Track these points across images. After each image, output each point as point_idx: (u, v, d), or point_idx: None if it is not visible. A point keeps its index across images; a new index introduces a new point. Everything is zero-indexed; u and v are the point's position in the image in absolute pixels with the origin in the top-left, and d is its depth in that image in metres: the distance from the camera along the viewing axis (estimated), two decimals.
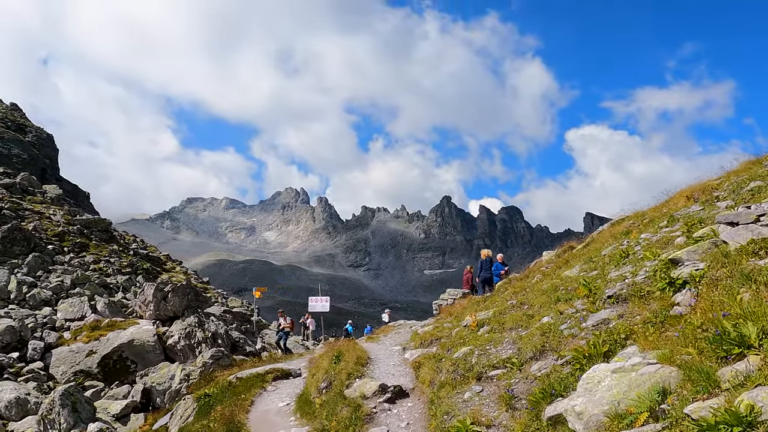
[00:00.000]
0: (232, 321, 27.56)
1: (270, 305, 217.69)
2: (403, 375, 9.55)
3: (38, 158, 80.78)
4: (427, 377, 8.32)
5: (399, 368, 10.11)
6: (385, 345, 13.54)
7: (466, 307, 14.37)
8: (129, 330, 22.01)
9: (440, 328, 12.14)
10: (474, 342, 8.46)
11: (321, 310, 23.68)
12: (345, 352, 11.29)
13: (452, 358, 8.06)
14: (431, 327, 12.75)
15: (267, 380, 14.29)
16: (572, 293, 8.20)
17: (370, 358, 10.91)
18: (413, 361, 9.49)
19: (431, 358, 8.91)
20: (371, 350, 12.19)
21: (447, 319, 14.05)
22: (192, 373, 16.73)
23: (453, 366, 7.79)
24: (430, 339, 10.94)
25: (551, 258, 14.03)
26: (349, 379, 9.34)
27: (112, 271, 28.70)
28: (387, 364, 10.57)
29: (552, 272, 11.05)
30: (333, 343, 13.94)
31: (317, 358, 13.69)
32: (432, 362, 8.64)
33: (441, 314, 19.44)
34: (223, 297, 35.28)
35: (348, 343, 13.00)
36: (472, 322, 9.64)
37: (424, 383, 8.20)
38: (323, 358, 12.61)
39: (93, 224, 32.76)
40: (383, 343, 13.94)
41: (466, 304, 14.80)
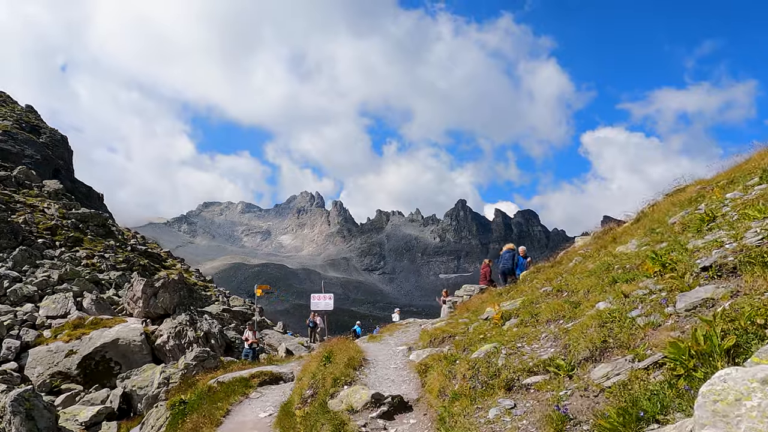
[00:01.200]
0: (231, 320, 25.63)
1: (284, 309, 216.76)
2: (406, 381, 7.40)
3: (51, 159, 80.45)
4: (435, 385, 6.17)
5: (401, 372, 7.96)
6: (388, 345, 11.39)
7: (485, 300, 12.16)
8: (114, 328, 20.19)
9: (454, 323, 9.96)
10: (498, 338, 6.29)
11: (324, 308, 21.61)
12: (336, 352, 9.18)
13: (470, 360, 5.90)
14: (444, 323, 10.58)
15: (252, 385, 12.24)
16: (634, 271, 6.00)
17: (366, 360, 8.77)
18: (419, 364, 7.33)
19: (441, 360, 6.76)
20: (371, 350, 10.07)
21: (463, 315, 11.86)
22: (173, 375, 14.78)
23: (471, 370, 5.63)
24: (441, 336, 8.77)
25: (588, 241, 11.77)
26: (334, 386, 7.21)
27: (105, 267, 27.01)
28: (386, 368, 8.42)
29: (594, 253, 8.83)
30: (327, 342, 11.84)
31: (308, 360, 11.61)
32: (443, 365, 6.49)
33: (456, 311, 17.25)
34: (225, 296, 33.47)
35: (342, 341, 10.89)
36: (495, 314, 7.46)
37: (432, 393, 6.06)
38: (314, 359, 10.52)
39: (89, 218, 31.20)
40: (386, 342, 11.80)
41: (486, 297, 12.61)
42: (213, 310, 25.61)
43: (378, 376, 7.80)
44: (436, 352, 8.00)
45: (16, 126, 73.99)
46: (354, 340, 28.14)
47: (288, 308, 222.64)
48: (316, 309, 21.87)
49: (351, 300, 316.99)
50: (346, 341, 10.72)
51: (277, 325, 32.21)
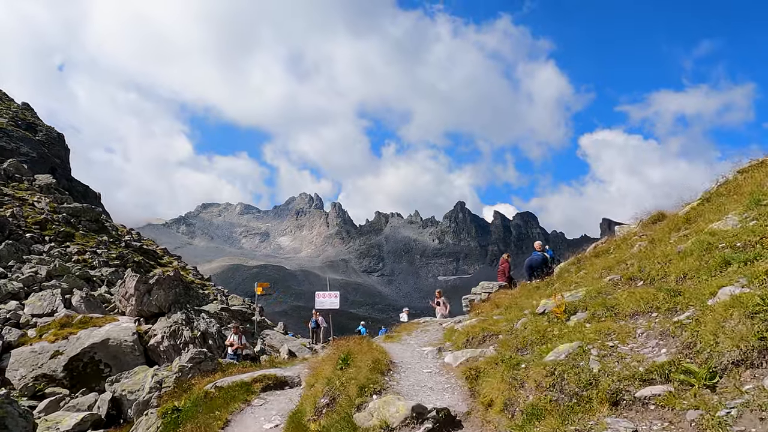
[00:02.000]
0: (230, 320, 24.20)
1: (282, 310, 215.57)
2: (448, 389, 6.02)
3: (48, 157, 79.05)
4: (494, 395, 4.81)
5: (438, 378, 6.58)
6: (409, 345, 10.01)
7: (518, 296, 10.81)
8: (104, 328, 18.79)
9: (489, 321, 8.60)
10: (576, 336, 4.92)
11: (330, 307, 20.19)
12: (356, 354, 7.81)
13: (545, 364, 4.53)
14: (475, 320, 9.21)
15: (254, 391, 10.84)
16: (754, 249, 4.64)
17: (393, 363, 7.38)
18: (465, 369, 5.93)
19: (498, 363, 5.39)
20: (393, 352, 8.69)
21: (493, 311, 10.50)
22: (166, 379, 13.38)
23: (549, 377, 4.27)
24: (480, 335, 7.40)
25: (633, 230, 10.39)
26: (361, 396, 5.83)
27: (97, 264, 25.59)
28: (419, 372, 7.04)
29: (663, 236, 7.48)
30: (341, 342, 10.48)
31: (318, 362, 10.25)
32: (501, 369, 5.12)
33: (474, 310, 15.90)
34: (223, 294, 32.03)
35: (360, 340, 9.53)
36: (556, 307, 6.10)
37: (494, 406, 4.69)
38: (326, 361, 9.15)
39: (81, 213, 29.78)
40: (407, 342, 10.43)
41: (517, 293, 11.26)
42: (211, 309, 24.21)
43: (411, 382, 6.43)
44: (480, 353, 6.64)
45: (11, 123, 72.69)
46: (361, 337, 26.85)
47: (286, 309, 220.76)
48: (321, 308, 20.45)
49: (350, 302, 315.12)
50: (364, 341, 9.35)
51: (278, 325, 30.80)
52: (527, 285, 11.26)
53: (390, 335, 11.86)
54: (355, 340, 9.94)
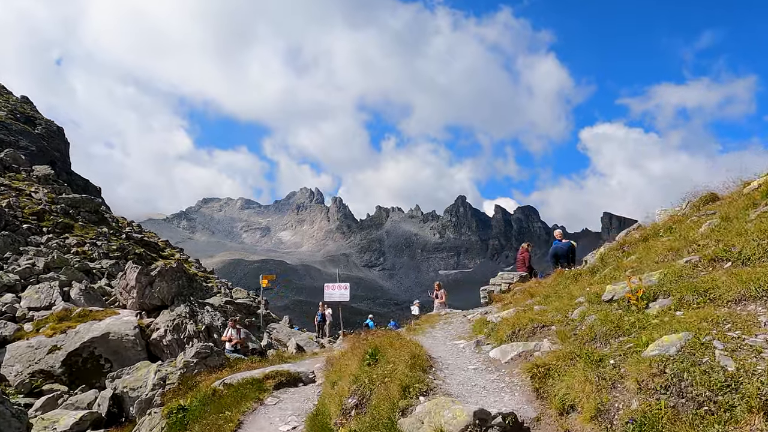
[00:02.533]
0: (235, 313, 23.36)
1: (284, 305, 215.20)
2: (504, 389, 5.14)
3: (47, 150, 78.17)
4: (575, 398, 3.93)
5: (488, 376, 5.69)
6: (437, 339, 9.14)
7: (554, 285, 9.92)
8: (105, 321, 17.93)
9: (530, 311, 7.72)
10: (674, 326, 4.03)
11: (339, 300, 19.30)
12: (386, 348, 6.92)
13: (646, 360, 3.63)
14: (512, 311, 8.32)
15: (266, 388, 10.00)
16: None
17: (431, 358, 6.48)
18: (529, 365, 5.02)
19: (570, 359, 4.49)
20: (424, 346, 7.79)
21: (524, 301, 9.62)
22: (170, 375, 12.52)
23: (658, 376, 3.38)
24: (529, 326, 6.51)
25: (681, 212, 9.49)
26: (405, 397, 4.94)
27: (97, 255, 24.73)
28: (463, 369, 6.15)
29: (739, 214, 6.58)
30: (359, 337, 9.61)
31: (338, 357, 9.37)
32: (578, 366, 4.22)
33: (497, 301, 15.03)
34: (227, 287, 31.17)
35: (389, 334, 8.67)
36: (630, 293, 5.20)
37: (572, 411, 3.82)
38: (348, 356, 8.27)
39: (80, 204, 28.89)
40: (433, 335, 9.55)
41: (551, 282, 10.36)
42: (215, 302, 23.37)
43: (459, 381, 5.54)
44: (535, 347, 5.75)
45: (10, 117, 71.91)
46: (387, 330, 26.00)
47: (288, 304, 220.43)
48: (330, 300, 19.57)
49: (351, 296, 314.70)
50: (395, 335, 8.47)
51: (283, 319, 29.98)
52: (565, 273, 10.36)
53: (412, 327, 10.97)
54: (385, 333, 9.07)
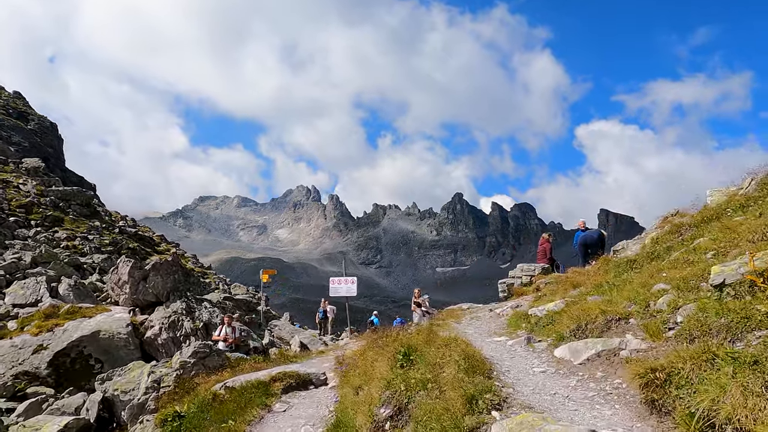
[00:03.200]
0: (234, 309, 22.17)
1: (281, 303, 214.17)
2: (595, 398, 3.99)
3: (40, 147, 76.67)
4: (730, 415, 2.76)
5: (564, 381, 4.54)
6: (471, 335, 7.96)
7: (602, 274, 8.78)
8: (95, 319, 16.71)
9: (582, 302, 6.57)
10: None
11: (346, 294, 18.11)
12: (421, 346, 5.76)
13: None
14: (560, 303, 7.17)
15: (273, 392, 8.82)
16: None
17: (487, 360, 5.29)
18: (638, 369, 3.84)
19: (704, 360, 3.33)
20: None
21: (566, 292, 8.47)
22: (165, 377, 11.32)
23: None
24: (600, 320, 5.35)
25: (739, 193, 8.37)
26: (472, 412, 3.78)
27: (88, 250, 23.47)
28: (527, 372, 5.00)
29: None
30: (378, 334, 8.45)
31: (356, 357, 8.22)
32: (726, 370, 3.06)
33: (517, 296, 13.91)
34: (225, 283, 29.94)
35: (420, 329, 7.52)
36: (757, 274, 4.06)
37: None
38: (368, 356, 7.12)
39: (72, 197, 27.57)
40: (463, 332, 8.38)
41: (596, 270, 9.22)
42: (213, 299, 22.15)
43: (530, 388, 4.38)
44: (620, 344, 4.60)
45: (2, 112, 70.56)
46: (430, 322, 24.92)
47: (285, 302, 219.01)
48: (336, 295, 18.37)
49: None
50: (425, 329, 7.29)
51: (284, 316, 28.80)
52: (612, 261, 9.21)
53: (436, 323, 9.81)
54: (419, 328, 7.91)
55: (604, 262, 9.34)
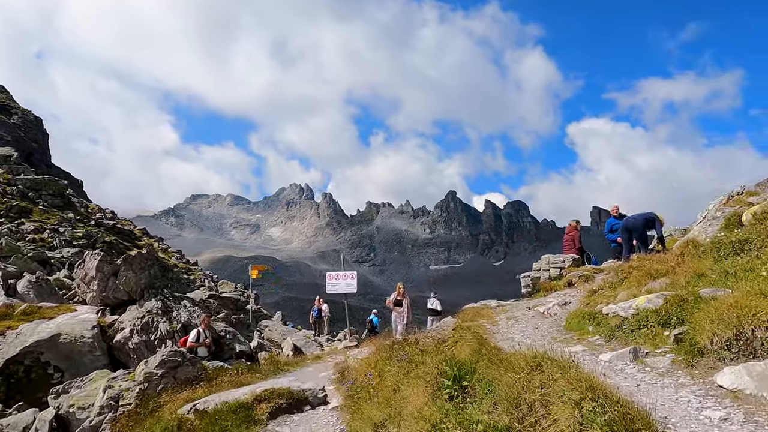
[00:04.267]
0: (220, 308, 20.00)
1: (274, 302, 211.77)
2: None
3: (24, 141, 73.93)
4: None
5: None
6: (520, 344, 5.87)
7: (678, 262, 6.73)
8: (56, 320, 14.52)
9: (692, 294, 4.50)
10: None
11: (346, 291, 16.00)
12: (479, 364, 3.67)
13: None
14: (656, 299, 5.11)
15: (257, 418, 6.69)
16: None
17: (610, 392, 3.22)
18: None
19: None
20: None
21: (644, 284, 6.41)
22: (125, 393, 9.17)
23: None
24: (756, 326, 3.27)
25: None
26: None
27: (58, 243, 21.17)
28: (693, 419, 2.93)
29: None
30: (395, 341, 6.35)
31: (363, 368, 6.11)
32: None
33: (545, 291, 11.88)
34: (212, 280, 27.71)
35: (465, 337, 5.44)
36: None
37: None
38: (392, 372, 5.00)
39: (42, 186, 25.22)
40: (509, 338, 6.32)
41: (673, 258, 7.17)
42: (197, 296, 19.95)
43: None
44: None
45: None
46: (371, 334, 22.34)
47: (278, 300, 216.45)
48: (334, 292, 16.23)
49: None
50: (474, 337, 5.19)
51: (276, 315, 26.64)
52: (697, 243, 7.18)
53: (464, 325, 7.73)
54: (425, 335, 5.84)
55: (686, 246, 7.31)
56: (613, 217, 14.47)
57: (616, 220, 14.42)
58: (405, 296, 14.87)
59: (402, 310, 14.41)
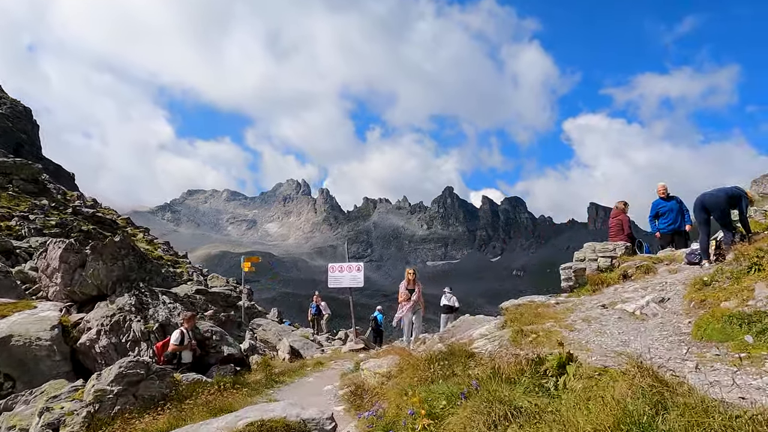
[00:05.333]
0: (207, 305, 17.79)
1: (270, 297, 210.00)
2: None
3: (12, 131, 71.56)
4: None
5: None
6: (654, 361, 3.73)
7: None
8: (9, 319, 12.26)
9: None
10: None
11: (351, 285, 13.80)
12: None
13: None
14: None
15: None
16: None
17: None
18: None
19: None
20: None
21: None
22: (68, 418, 6.99)
23: None
24: None
25: None
26: None
27: (27, 232, 18.90)
28: None
29: None
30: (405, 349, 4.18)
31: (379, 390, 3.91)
32: None
33: (595, 285, 9.74)
34: (201, 274, 25.48)
35: None
36: None
37: None
38: (456, 418, 2.81)
39: (13, 170, 22.88)
40: (612, 350, 4.19)
41: None
42: (182, 292, 17.72)
43: None
44: None
45: None
46: (376, 334, 20.04)
47: (275, 296, 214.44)
48: (337, 286, 14.01)
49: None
50: None
51: (271, 312, 24.46)
52: None
53: (526, 330, 5.57)
54: None
55: None
56: (660, 199, 12.35)
57: (664, 202, 12.31)
58: (417, 284, 12.10)
59: (415, 301, 11.86)
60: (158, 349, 11.39)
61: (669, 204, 12.20)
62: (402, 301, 11.86)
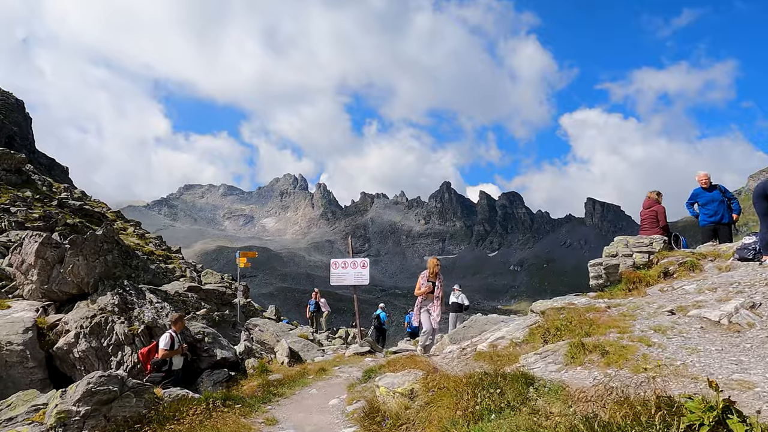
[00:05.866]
0: (200, 303, 16.60)
1: (268, 292, 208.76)
2: None
3: (4, 124, 70.30)
4: None
5: None
6: None
7: None
8: None
9: None
10: None
11: (356, 283, 12.65)
12: None
13: None
14: None
15: None
16: None
17: None
18: None
19: None
20: None
21: None
22: None
23: None
24: None
25: None
26: None
27: (7, 225, 17.67)
28: None
29: None
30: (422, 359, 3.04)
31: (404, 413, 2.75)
32: None
33: (629, 284, 8.66)
34: (195, 270, 24.26)
35: None
36: None
37: None
38: None
39: None
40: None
41: None
42: (172, 289, 16.55)
43: None
44: None
45: None
46: (378, 333, 18.79)
47: (272, 291, 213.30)
48: (341, 284, 12.85)
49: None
50: None
51: (269, 309, 23.30)
52: None
53: (587, 344, 4.43)
54: None
55: None
56: (700, 188, 11.23)
57: (705, 192, 11.20)
58: (439, 278, 10.29)
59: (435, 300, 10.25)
60: (143, 355, 10.23)
61: (711, 194, 11.09)
62: (422, 294, 10.27)
